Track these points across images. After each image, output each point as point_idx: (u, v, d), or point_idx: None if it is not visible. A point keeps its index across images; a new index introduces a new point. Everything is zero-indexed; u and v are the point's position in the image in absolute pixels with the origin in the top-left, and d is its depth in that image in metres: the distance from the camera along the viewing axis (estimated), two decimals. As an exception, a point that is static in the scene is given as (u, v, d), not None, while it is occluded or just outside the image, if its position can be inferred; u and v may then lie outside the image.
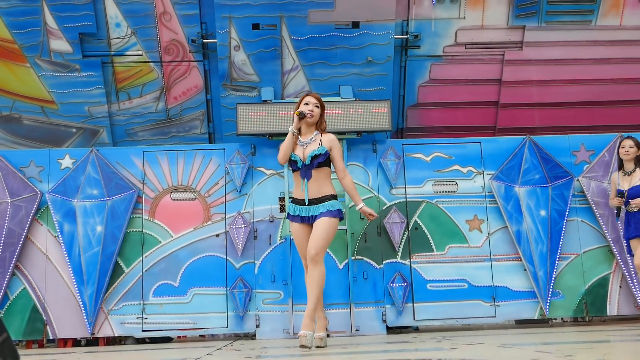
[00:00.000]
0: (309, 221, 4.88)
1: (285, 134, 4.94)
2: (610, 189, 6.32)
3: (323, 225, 4.74)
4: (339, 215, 4.83)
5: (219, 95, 7.52)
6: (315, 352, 4.06)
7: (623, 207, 5.95)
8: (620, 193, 5.94)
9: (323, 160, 4.85)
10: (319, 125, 5.03)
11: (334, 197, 4.88)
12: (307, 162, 4.85)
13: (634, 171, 6.02)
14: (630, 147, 6.05)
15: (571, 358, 2.74)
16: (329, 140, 4.93)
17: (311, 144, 4.92)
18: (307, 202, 4.82)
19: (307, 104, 4.97)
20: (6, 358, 1.83)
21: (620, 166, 6.17)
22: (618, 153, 6.18)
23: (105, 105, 7.62)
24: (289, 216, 5.02)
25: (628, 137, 6.16)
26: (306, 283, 4.93)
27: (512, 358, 2.79)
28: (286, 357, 3.52)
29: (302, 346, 4.38)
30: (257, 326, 6.51)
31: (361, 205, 4.95)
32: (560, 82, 7.80)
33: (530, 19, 7.45)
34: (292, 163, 4.92)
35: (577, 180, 6.93)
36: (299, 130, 4.95)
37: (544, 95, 7.86)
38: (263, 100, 7.08)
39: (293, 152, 4.91)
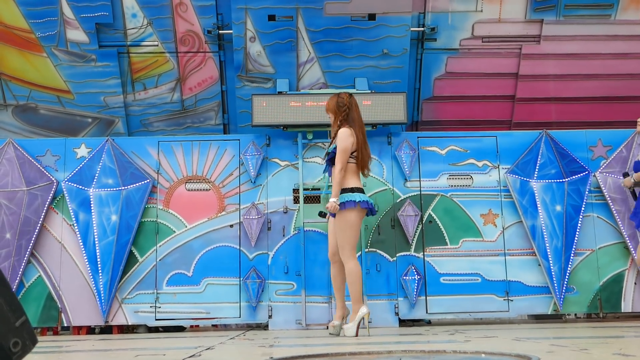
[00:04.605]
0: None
1: (300, 125, 5.00)
2: None
3: (335, 222, 5.06)
4: (344, 207, 4.90)
5: (234, 86, 7.53)
6: (328, 342, 4.06)
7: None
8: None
9: (332, 157, 5.08)
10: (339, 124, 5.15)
11: (344, 190, 4.98)
12: (326, 159, 5.21)
13: None
14: None
15: (587, 352, 2.72)
16: (337, 136, 5.05)
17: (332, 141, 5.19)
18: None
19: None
20: (25, 341, 1.84)
21: None
22: None
23: (120, 95, 7.65)
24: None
25: None
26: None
27: (527, 351, 2.77)
28: (298, 347, 3.52)
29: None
30: (270, 317, 6.53)
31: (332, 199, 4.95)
32: (578, 77, 7.73)
33: (549, 12, 7.38)
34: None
35: (594, 175, 6.87)
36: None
37: (561, 90, 7.79)
38: (278, 92, 7.07)
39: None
